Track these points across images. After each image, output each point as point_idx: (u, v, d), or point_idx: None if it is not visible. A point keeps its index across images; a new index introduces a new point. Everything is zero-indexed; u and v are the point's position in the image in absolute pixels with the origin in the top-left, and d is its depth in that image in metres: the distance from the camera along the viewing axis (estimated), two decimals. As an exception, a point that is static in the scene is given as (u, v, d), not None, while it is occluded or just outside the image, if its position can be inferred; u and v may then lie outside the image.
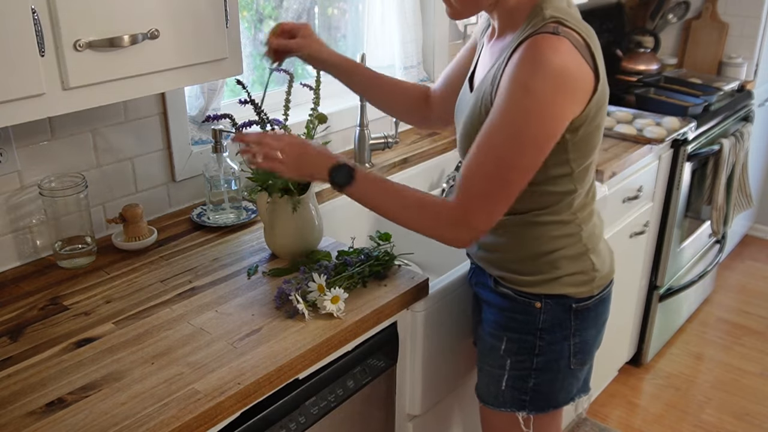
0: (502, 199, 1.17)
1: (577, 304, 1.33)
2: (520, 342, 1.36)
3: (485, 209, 1.17)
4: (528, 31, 1.15)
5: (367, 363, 1.35)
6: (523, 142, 1.13)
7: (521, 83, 1.11)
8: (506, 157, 1.14)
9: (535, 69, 1.10)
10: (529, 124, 1.12)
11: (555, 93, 1.11)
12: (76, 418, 1.01)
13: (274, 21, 1.99)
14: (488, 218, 1.18)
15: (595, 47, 1.18)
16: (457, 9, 1.22)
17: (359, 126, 1.99)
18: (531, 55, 1.11)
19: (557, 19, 1.14)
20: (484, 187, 1.16)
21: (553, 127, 1.14)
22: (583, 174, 1.26)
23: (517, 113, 1.12)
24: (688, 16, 3.08)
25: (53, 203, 1.42)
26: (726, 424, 2.49)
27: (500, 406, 1.42)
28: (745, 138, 2.75)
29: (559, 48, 1.11)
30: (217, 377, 1.10)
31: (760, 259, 3.62)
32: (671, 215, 2.51)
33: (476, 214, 1.17)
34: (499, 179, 1.15)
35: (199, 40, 1.25)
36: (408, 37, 2.21)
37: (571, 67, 1.12)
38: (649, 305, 2.67)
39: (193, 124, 1.73)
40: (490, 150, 1.15)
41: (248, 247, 1.53)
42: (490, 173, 1.16)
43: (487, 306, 1.41)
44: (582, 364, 1.39)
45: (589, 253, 1.32)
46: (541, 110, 1.11)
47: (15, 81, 1.03)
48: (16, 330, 1.23)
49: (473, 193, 1.17)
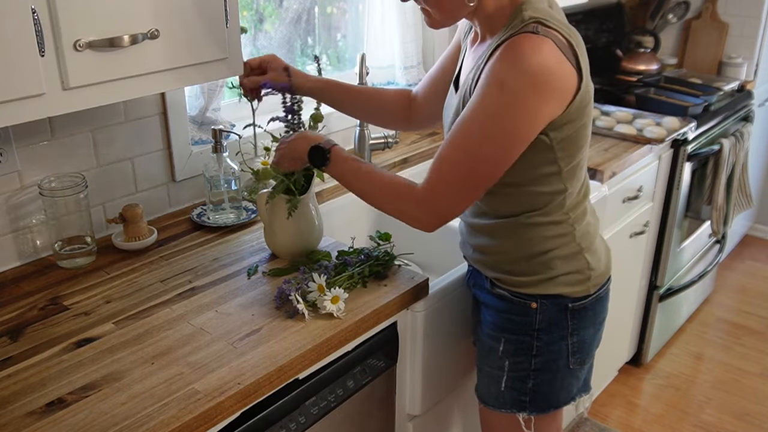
0: (467, 189, 1.19)
1: (573, 303, 1.33)
2: (517, 343, 1.36)
3: (450, 196, 1.20)
4: (508, 32, 1.16)
5: (367, 363, 1.35)
6: (493, 136, 1.14)
7: (497, 80, 1.12)
8: (475, 149, 1.16)
9: (512, 67, 1.11)
10: (500, 119, 1.13)
11: (530, 91, 1.11)
12: (76, 418, 1.01)
13: (274, 21, 1.99)
14: (452, 205, 1.21)
15: (579, 46, 1.19)
16: (436, 19, 1.24)
17: (359, 126, 1.99)
18: (509, 54, 1.12)
19: (537, 19, 1.15)
20: (452, 175, 1.19)
21: (525, 125, 1.14)
22: (572, 173, 1.27)
23: (489, 108, 1.13)
24: (688, 16, 3.08)
25: (53, 203, 1.42)
26: (726, 424, 2.49)
27: (500, 407, 1.42)
28: (745, 138, 2.75)
29: (540, 47, 1.11)
30: (217, 377, 1.10)
31: (760, 259, 3.62)
32: (671, 215, 2.51)
33: (441, 199, 1.20)
34: (467, 170, 1.17)
35: (199, 40, 1.25)
36: (408, 37, 2.21)
37: (551, 66, 1.12)
38: (649, 305, 2.67)
39: (193, 124, 1.73)
40: (461, 140, 1.17)
41: (248, 247, 1.53)
42: (458, 163, 1.18)
43: (485, 307, 1.41)
44: (581, 363, 1.39)
45: (583, 252, 1.32)
46: (513, 106, 1.12)
47: (15, 81, 1.03)
48: (16, 330, 1.23)
49: (440, 179, 1.20)
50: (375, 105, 1.57)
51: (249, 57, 1.92)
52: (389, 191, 1.26)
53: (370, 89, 1.59)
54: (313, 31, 2.11)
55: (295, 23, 2.05)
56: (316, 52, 2.15)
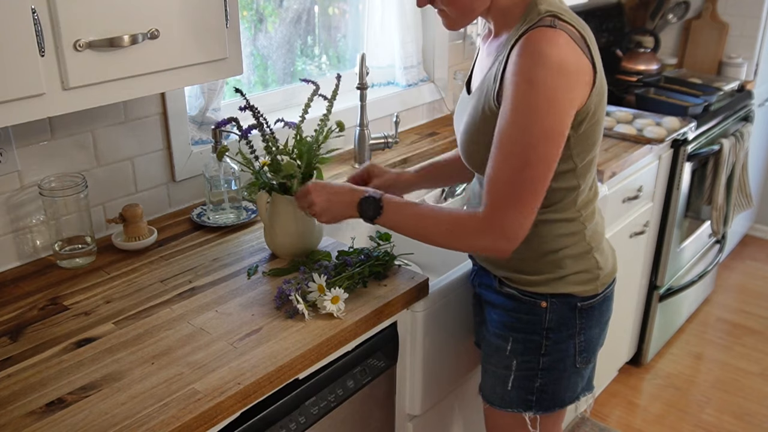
0: (528, 198, 1.16)
1: (582, 302, 1.33)
2: (526, 342, 1.36)
3: (514, 212, 1.16)
4: (525, 26, 1.16)
5: (367, 363, 1.35)
6: (537, 136, 1.13)
7: (525, 78, 1.12)
8: (522, 154, 1.14)
9: (535, 61, 1.11)
10: (540, 115, 1.12)
11: (558, 82, 1.11)
12: (76, 418, 1.01)
13: (274, 21, 1.99)
14: (520, 221, 1.16)
15: (591, 40, 1.19)
16: (454, 19, 1.23)
17: (359, 126, 1.99)
18: (530, 48, 1.12)
19: (553, 13, 1.15)
20: (508, 191, 1.15)
21: (562, 117, 1.14)
22: (586, 169, 1.27)
23: (526, 108, 1.12)
24: (688, 16, 3.08)
25: (53, 203, 1.42)
26: (726, 424, 2.49)
27: (506, 406, 1.42)
28: (745, 138, 2.75)
29: (557, 41, 1.12)
30: (217, 377, 1.10)
31: (760, 259, 3.62)
32: (671, 215, 2.51)
33: (507, 219, 1.16)
34: (520, 179, 1.14)
35: (199, 40, 1.25)
36: (408, 37, 2.21)
37: (570, 59, 1.12)
38: (649, 305, 2.67)
39: (193, 124, 1.73)
40: (505, 152, 1.15)
41: (248, 247, 1.53)
42: (510, 175, 1.15)
43: (491, 307, 1.41)
44: (587, 362, 1.40)
45: (593, 252, 1.33)
46: (548, 101, 1.11)
47: (15, 81, 1.03)
48: (16, 330, 1.23)
49: (498, 199, 1.16)
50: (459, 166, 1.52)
51: (249, 57, 1.93)
52: (453, 228, 1.21)
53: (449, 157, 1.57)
54: (313, 31, 2.11)
55: (295, 23, 2.05)
56: (316, 52, 2.15)
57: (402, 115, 2.25)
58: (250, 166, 1.44)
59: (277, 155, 1.42)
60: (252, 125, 1.42)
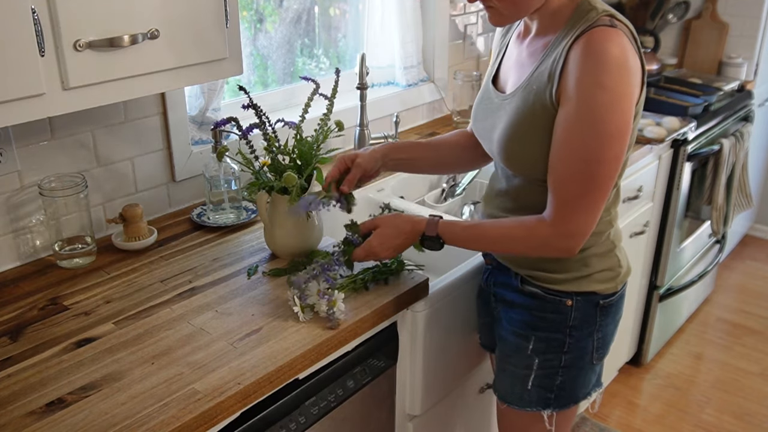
0: (598, 196, 1.18)
1: (603, 300, 1.34)
2: (548, 341, 1.36)
3: (585, 212, 1.18)
4: (582, 25, 1.16)
5: (367, 363, 1.35)
6: (607, 136, 1.14)
7: (594, 81, 1.12)
8: (592, 155, 1.15)
9: (602, 62, 1.12)
10: (611, 117, 1.13)
11: (625, 82, 1.13)
12: (76, 418, 1.01)
13: (274, 21, 1.99)
14: (588, 218, 1.19)
15: (638, 42, 1.20)
16: (504, 14, 1.20)
17: (359, 126, 1.99)
18: (593, 48, 1.13)
19: (610, 13, 1.17)
20: (578, 188, 1.17)
21: (627, 115, 1.15)
22: (622, 168, 1.27)
23: (596, 109, 1.13)
24: (688, 16, 3.08)
25: (53, 203, 1.42)
26: (726, 424, 2.49)
27: (526, 405, 1.41)
28: (745, 138, 2.75)
29: (618, 40, 1.13)
30: (217, 377, 1.10)
31: (760, 259, 3.62)
32: (671, 215, 2.51)
33: (579, 219, 1.18)
34: (591, 177, 1.16)
35: (199, 40, 1.25)
36: (408, 37, 2.21)
37: (629, 58, 1.14)
38: (649, 305, 2.67)
39: (193, 124, 1.73)
40: (573, 154, 1.16)
41: (248, 247, 1.53)
42: (579, 176, 1.16)
43: (509, 306, 1.40)
44: (601, 358, 1.41)
45: (615, 250, 1.35)
46: (617, 101, 1.13)
47: (15, 81, 1.03)
48: (16, 330, 1.23)
49: (568, 200, 1.18)
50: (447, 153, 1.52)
51: (249, 57, 1.93)
52: (520, 235, 1.24)
53: (433, 141, 1.54)
54: (313, 31, 2.11)
55: (295, 23, 2.05)
56: (316, 52, 2.15)
57: (402, 115, 2.25)
58: (250, 166, 1.44)
59: (277, 155, 1.42)
60: (254, 124, 1.42)
